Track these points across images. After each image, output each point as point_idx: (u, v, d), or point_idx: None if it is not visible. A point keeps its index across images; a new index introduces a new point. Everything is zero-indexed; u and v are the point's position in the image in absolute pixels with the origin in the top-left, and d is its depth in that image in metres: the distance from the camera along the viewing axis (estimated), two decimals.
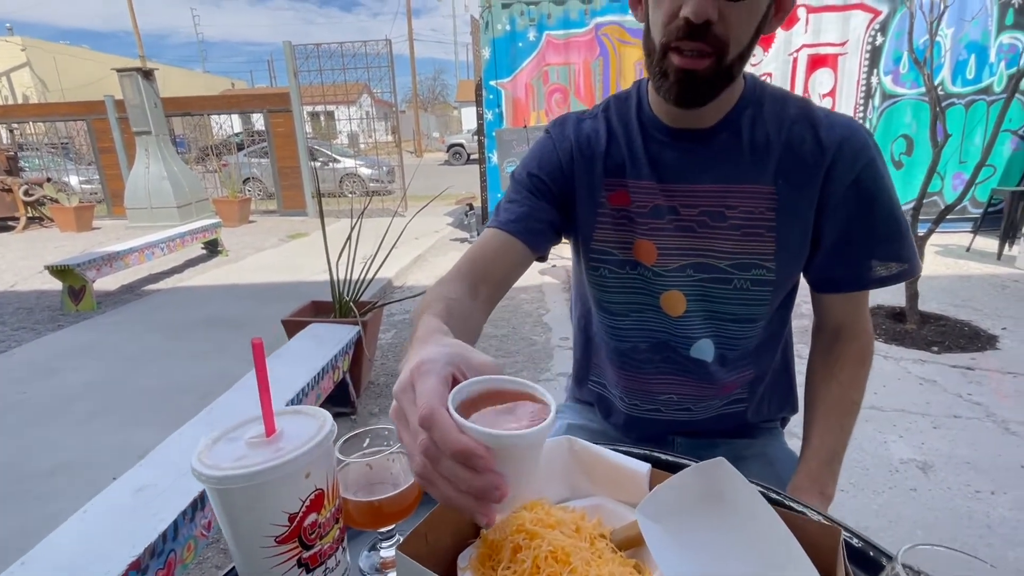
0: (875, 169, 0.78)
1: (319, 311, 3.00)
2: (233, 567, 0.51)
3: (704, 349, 0.87)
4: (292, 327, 2.74)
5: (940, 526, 1.86)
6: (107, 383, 3.14)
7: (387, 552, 0.56)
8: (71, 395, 2.99)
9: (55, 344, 3.77)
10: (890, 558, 0.35)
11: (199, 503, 1.45)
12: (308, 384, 2.17)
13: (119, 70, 7.45)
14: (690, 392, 0.90)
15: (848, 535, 0.51)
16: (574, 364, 1.08)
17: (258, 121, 9.53)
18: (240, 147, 10.67)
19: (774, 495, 0.56)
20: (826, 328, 0.91)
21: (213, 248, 6.40)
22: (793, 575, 0.41)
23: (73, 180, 10.16)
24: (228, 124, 10.52)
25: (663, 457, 0.64)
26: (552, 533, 0.46)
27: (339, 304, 2.84)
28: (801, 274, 0.88)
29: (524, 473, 0.39)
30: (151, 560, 1.26)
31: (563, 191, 0.88)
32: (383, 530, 0.55)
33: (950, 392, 2.75)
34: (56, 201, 8.20)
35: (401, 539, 0.44)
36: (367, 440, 0.56)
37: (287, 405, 1.95)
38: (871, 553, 0.50)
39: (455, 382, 0.41)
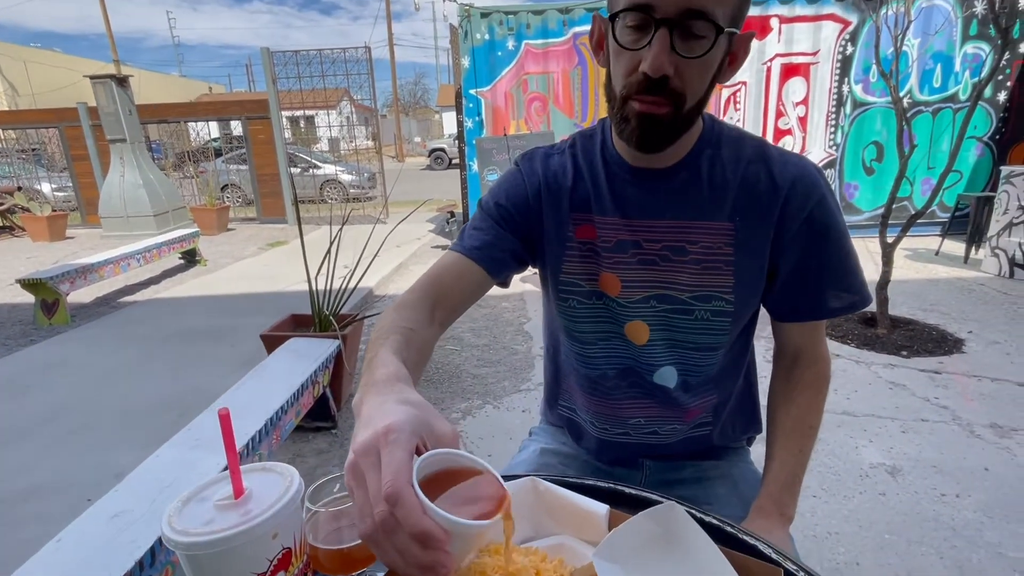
0: (826, 205, 0.82)
1: (299, 324, 2.99)
2: None
3: (667, 376, 0.90)
4: (271, 342, 2.73)
5: (907, 530, 1.92)
6: (82, 400, 3.09)
7: None
8: (44, 414, 2.93)
9: (27, 360, 3.70)
10: None
11: None
12: (288, 401, 2.16)
13: (92, 77, 7.32)
14: (656, 416, 0.93)
15: (793, 566, 0.54)
16: (545, 389, 1.11)
17: (236, 127, 9.44)
18: (218, 153, 10.54)
19: (728, 528, 0.59)
20: (786, 354, 0.95)
21: (191, 258, 6.32)
22: None
23: (45, 187, 9.95)
24: (205, 130, 10.39)
25: (627, 491, 0.66)
26: None
27: (319, 318, 2.84)
28: (760, 304, 0.92)
29: (470, 550, 0.41)
30: None
31: (529, 224, 0.90)
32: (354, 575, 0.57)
33: (918, 396, 2.83)
34: (27, 210, 8.03)
35: None
36: (336, 486, 0.57)
37: (266, 423, 1.96)
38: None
39: (417, 451, 0.43)
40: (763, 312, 0.94)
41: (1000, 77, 5.84)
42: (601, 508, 0.56)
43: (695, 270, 0.84)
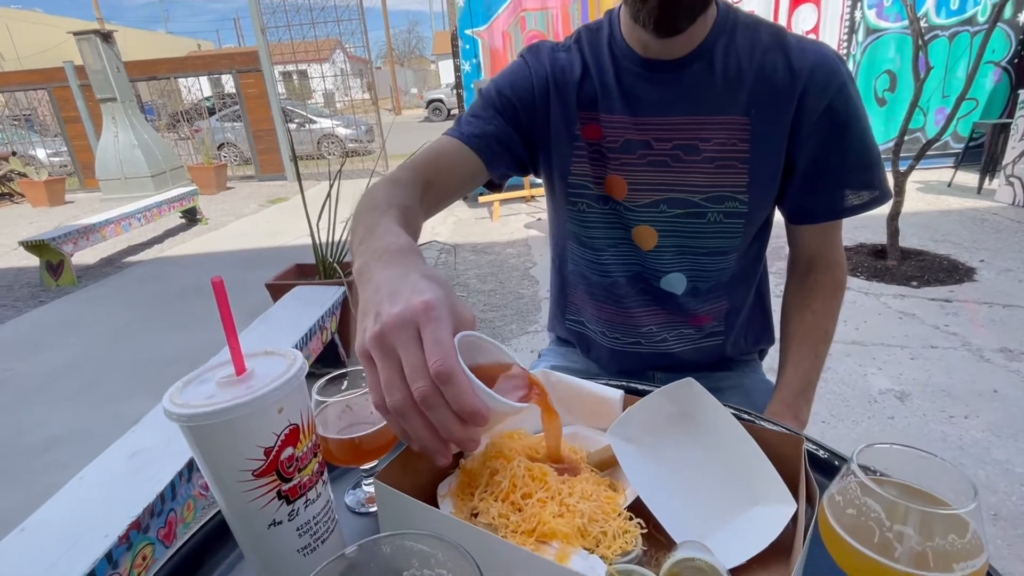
0: (847, 94, 0.77)
1: (303, 274, 2.98)
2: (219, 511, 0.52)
3: (674, 282, 0.88)
4: (277, 291, 2.72)
5: None
6: (94, 357, 3.13)
7: (370, 488, 0.57)
8: (58, 370, 2.97)
9: (38, 320, 3.73)
10: (847, 462, 0.36)
11: (195, 464, 1.47)
12: (296, 346, 2.17)
13: (76, 33, 7.09)
14: (665, 323, 0.91)
15: (810, 444, 0.52)
16: (551, 304, 1.09)
17: (228, 83, 9.19)
18: (212, 111, 10.31)
19: (745, 416, 0.58)
20: (800, 260, 0.92)
21: (192, 217, 6.27)
22: (759, 483, 0.43)
23: (40, 153, 9.82)
24: (197, 88, 10.14)
25: (639, 387, 0.65)
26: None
27: (323, 266, 2.82)
28: (776, 208, 0.89)
29: (495, 427, 0.41)
30: (151, 520, 1.29)
31: (533, 121, 0.85)
32: (365, 468, 0.56)
33: (928, 324, 2.81)
34: (24, 176, 7.94)
35: None
36: (345, 382, 0.56)
37: None
38: (831, 459, 0.52)
39: None
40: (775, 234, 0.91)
41: None
42: (615, 393, 0.55)
43: (708, 169, 0.80)
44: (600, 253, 0.90)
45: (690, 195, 0.82)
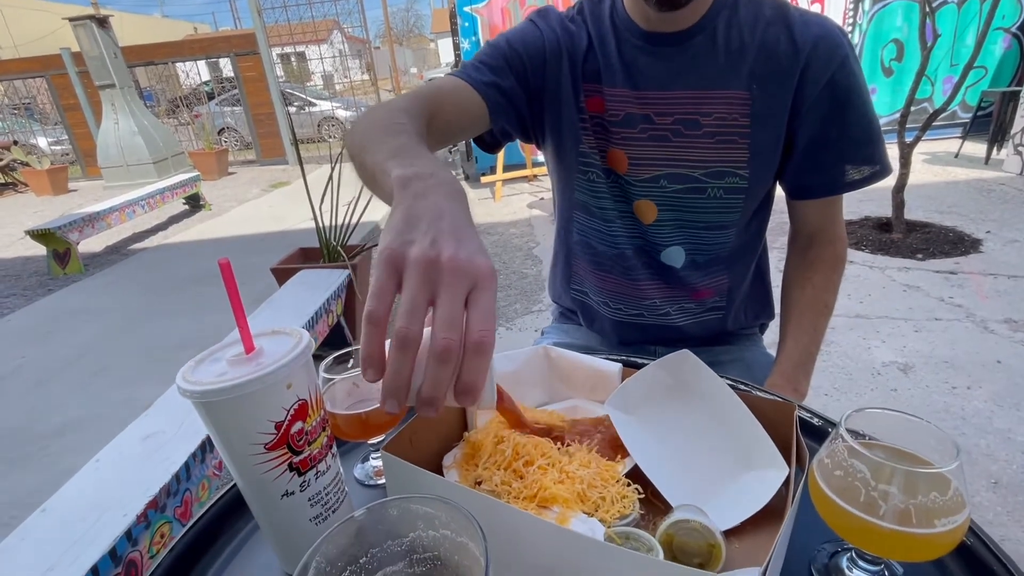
0: (849, 68, 0.77)
1: (308, 258, 2.99)
2: (235, 484, 0.54)
3: (674, 256, 0.89)
4: (282, 275, 2.74)
5: None
6: (104, 343, 3.17)
7: (377, 462, 0.59)
8: (70, 357, 3.02)
9: (47, 308, 3.77)
10: (835, 426, 0.37)
11: (208, 444, 1.50)
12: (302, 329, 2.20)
13: (71, 19, 7.03)
14: (668, 296, 0.92)
15: (803, 412, 0.54)
16: (556, 274, 1.08)
17: (227, 67, 9.12)
18: (211, 96, 10.24)
19: (742, 387, 0.59)
20: (801, 234, 0.93)
21: (195, 203, 6.29)
22: (752, 449, 0.44)
23: (42, 142, 9.82)
24: (196, 73, 10.06)
25: (638, 360, 0.66)
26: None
27: (327, 249, 2.83)
28: (777, 183, 0.89)
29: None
30: (168, 499, 1.33)
31: (541, 83, 0.85)
32: (373, 442, 0.58)
33: (932, 296, 2.81)
34: (27, 165, 7.95)
35: None
36: (351, 360, 0.58)
37: None
38: (824, 426, 0.54)
39: None
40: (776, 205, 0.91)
41: None
42: (613, 367, 0.56)
43: (709, 144, 0.80)
44: (610, 224, 0.90)
45: (690, 170, 0.82)
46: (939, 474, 0.33)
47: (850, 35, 5.78)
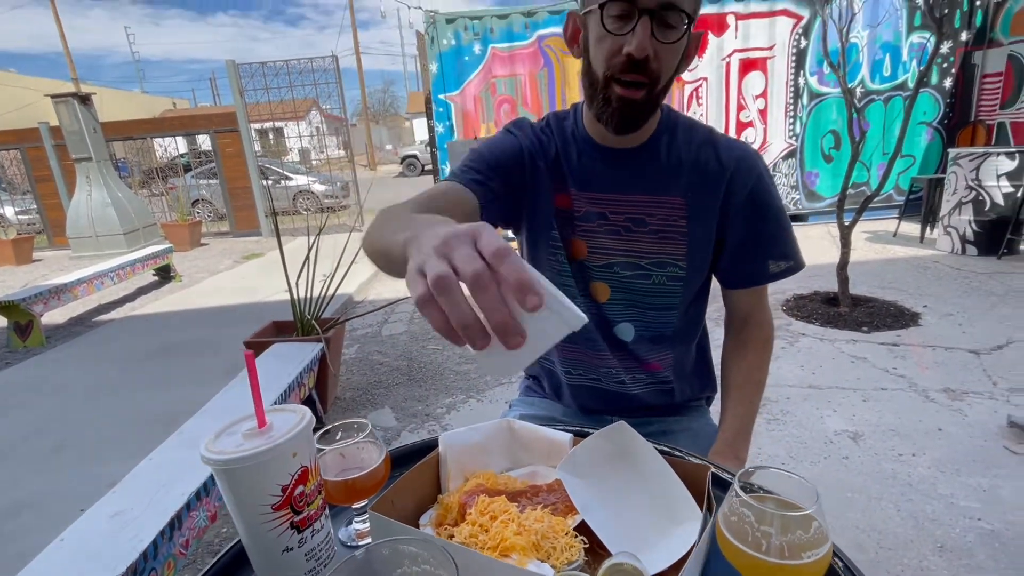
0: (764, 182, 0.95)
1: (281, 331, 3.04)
2: (238, 540, 0.61)
3: (624, 331, 1.02)
4: (255, 348, 2.77)
5: (868, 488, 2.06)
6: (65, 418, 3.09)
7: (360, 525, 0.66)
8: (27, 433, 2.92)
9: (5, 382, 3.67)
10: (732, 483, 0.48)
11: (176, 523, 1.50)
12: (275, 403, 2.22)
13: (53, 96, 7.20)
14: (620, 366, 1.05)
15: (717, 471, 0.65)
16: None
17: (204, 141, 9.36)
18: (187, 168, 10.41)
19: (677, 454, 0.69)
20: (735, 318, 1.07)
21: (165, 274, 6.27)
22: (677, 505, 0.54)
23: (8, 211, 9.73)
24: (172, 146, 10.27)
25: (586, 431, 0.76)
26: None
27: (301, 322, 2.89)
28: (712, 275, 1.04)
29: (535, 344, 0.41)
30: None
31: (522, 180, 0.98)
32: (357, 506, 0.65)
33: (878, 367, 3.00)
34: None
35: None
36: (339, 433, 0.66)
37: None
38: (731, 479, 0.64)
39: None
40: (714, 297, 1.06)
41: (945, 65, 6.14)
42: (565, 436, 0.66)
43: (653, 239, 0.95)
44: (573, 300, 1.02)
45: (638, 259, 0.97)
46: (804, 515, 0.43)
47: (792, 127, 6.36)
